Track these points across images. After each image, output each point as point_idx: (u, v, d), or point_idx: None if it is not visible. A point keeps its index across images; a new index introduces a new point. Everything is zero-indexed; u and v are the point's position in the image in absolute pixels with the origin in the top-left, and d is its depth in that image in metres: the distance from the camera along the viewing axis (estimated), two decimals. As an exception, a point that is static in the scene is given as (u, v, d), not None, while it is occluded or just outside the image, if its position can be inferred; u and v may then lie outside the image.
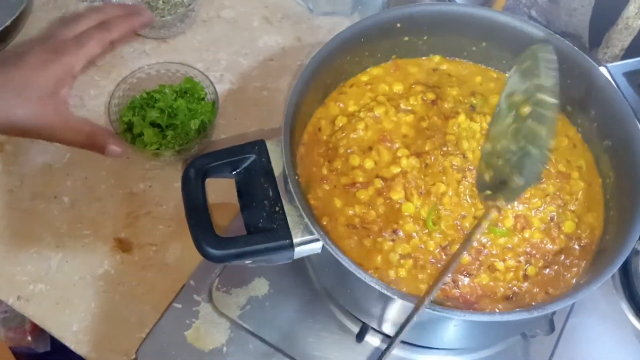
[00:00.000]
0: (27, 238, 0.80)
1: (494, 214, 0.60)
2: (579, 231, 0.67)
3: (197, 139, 0.82)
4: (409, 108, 0.72)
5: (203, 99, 0.87)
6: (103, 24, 0.69)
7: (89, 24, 0.69)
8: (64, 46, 0.66)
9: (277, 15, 1.01)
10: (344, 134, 0.70)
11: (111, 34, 0.68)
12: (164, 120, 0.83)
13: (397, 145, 0.69)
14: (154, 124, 0.84)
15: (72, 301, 0.76)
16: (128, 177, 0.84)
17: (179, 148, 0.82)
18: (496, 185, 0.63)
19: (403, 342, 0.72)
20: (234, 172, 0.65)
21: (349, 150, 0.69)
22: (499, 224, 0.66)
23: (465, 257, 0.64)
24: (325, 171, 0.68)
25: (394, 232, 0.65)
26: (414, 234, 0.65)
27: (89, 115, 0.90)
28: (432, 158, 0.68)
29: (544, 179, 0.68)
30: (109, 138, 0.68)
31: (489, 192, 0.62)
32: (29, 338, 1.07)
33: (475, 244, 0.65)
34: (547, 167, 0.69)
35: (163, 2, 0.98)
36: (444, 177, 0.67)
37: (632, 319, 0.75)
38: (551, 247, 0.66)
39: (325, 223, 0.65)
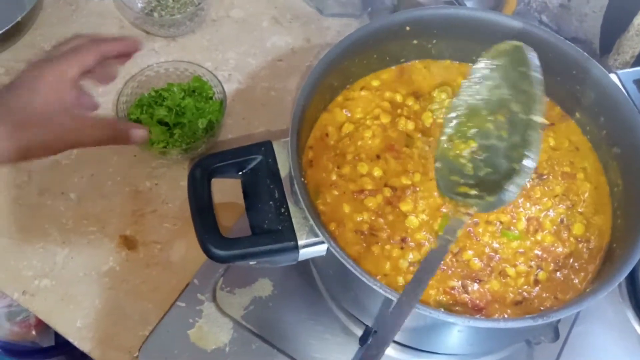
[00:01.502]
0: (33, 233, 0.81)
1: (465, 220, 0.58)
2: (587, 233, 0.67)
3: (204, 138, 0.82)
4: (411, 117, 0.72)
5: (211, 98, 0.87)
6: (96, 39, 0.69)
7: (82, 41, 0.69)
8: (58, 56, 0.67)
9: (286, 16, 1.01)
10: (350, 141, 0.70)
11: (104, 46, 0.68)
12: (171, 118, 0.83)
13: (404, 155, 0.69)
14: (161, 122, 0.84)
15: (76, 297, 0.77)
16: (134, 174, 0.85)
17: (186, 147, 0.82)
18: (487, 183, 0.60)
19: (406, 346, 0.72)
20: (240, 173, 0.65)
21: (356, 158, 0.69)
22: (512, 228, 0.66)
23: (477, 263, 0.64)
24: (334, 177, 0.68)
25: (403, 240, 0.65)
26: (425, 242, 0.65)
27: (97, 112, 0.90)
28: None
29: (548, 176, 0.69)
30: (128, 124, 0.69)
31: (474, 191, 0.59)
32: (34, 332, 1.08)
33: (487, 249, 0.65)
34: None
35: (173, 0, 0.98)
36: None
37: (638, 327, 0.75)
38: (561, 250, 0.66)
39: (333, 229, 0.65)
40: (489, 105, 0.63)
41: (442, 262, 0.64)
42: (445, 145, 0.62)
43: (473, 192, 0.58)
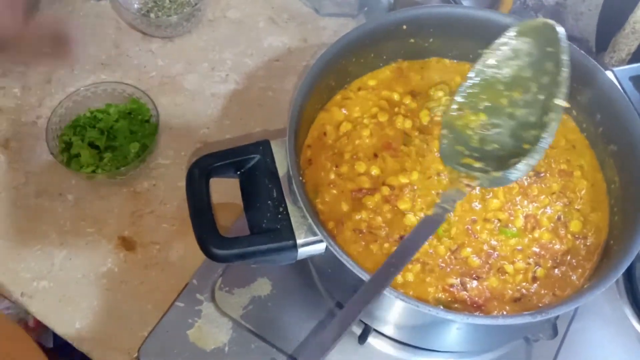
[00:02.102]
0: (31, 235, 0.81)
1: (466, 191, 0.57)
2: (584, 230, 0.67)
3: (135, 162, 0.81)
4: (408, 114, 0.72)
5: (147, 120, 0.86)
6: None
7: None
8: None
9: (282, 16, 1.01)
10: (348, 140, 0.70)
11: None
12: (102, 141, 0.82)
13: (401, 153, 0.69)
14: (92, 145, 0.82)
15: (74, 299, 0.76)
16: (132, 175, 0.84)
17: (115, 171, 0.81)
18: (491, 159, 0.58)
19: (405, 344, 0.72)
20: (238, 172, 0.65)
21: (354, 157, 0.69)
22: (510, 225, 0.66)
23: (475, 261, 0.64)
24: (332, 176, 0.68)
25: (402, 238, 0.65)
26: None
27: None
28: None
29: (545, 173, 0.69)
30: None
31: (479, 164, 0.57)
32: (32, 334, 1.08)
33: (485, 247, 0.65)
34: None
35: (170, 1, 0.98)
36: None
37: (636, 324, 0.75)
38: (559, 247, 0.66)
39: (331, 227, 0.65)
40: (507, 80, 0.61)
41: (441, 261, 0.64)
42: (455, 114, 0.61)
43: (478, 164, 0.57)
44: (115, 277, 0.78)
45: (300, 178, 0.62)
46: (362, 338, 0.72)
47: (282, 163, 0.64)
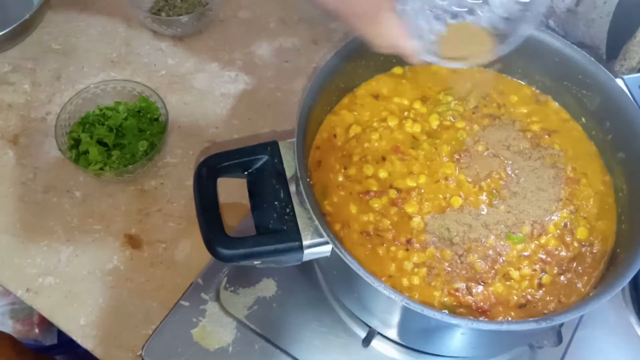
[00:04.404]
0: (38, 231, 0.81)
1: None
2: (591, 238, 0.67)
3: (143, 160, 0.81)
4: (417, 119, 0.72)
5: (156, 119, 0.86)
6: None
7: None
8: None
9: (293, 18, 1.01)
10: (357, 143, 0.70)
11: None
12: (111, 139, 0.82)
13: (409, 157, 0.69)
14: (101, 142, 0.83)
15: (80, 295, 0.77)
16: (140, 173, 0.85)
17: (124, 169, 0.81)
18: None
19: (409, 348, 0.72)
20: (246, 173, 0.65)
21: (362, 159, 0.69)
22: (516, 231, 0.66)
23: (481, 266, 0.64)
24: (341, 178, 0.68)
25: (408, 241, 0.65)
26: (430, 244, 0.65)
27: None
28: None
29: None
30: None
31: None
32: (37, 330, 1.08)
33: (491, 252, 0.65)
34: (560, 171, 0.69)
35: (181, 0, 0.99)
36: (460, 192, 0.67)
37: (641, 333, 0.74)
38: (565, 254, 0.66)
39: (338, 229, 0.65)
40: None
41: (448, 265, 0.64)
42: None
43: None
44: (121, 275, 0.78)
45: (308, 179, 0.62)
46: (366, 341, 0.72)
47: (289, 164, 0.64)
